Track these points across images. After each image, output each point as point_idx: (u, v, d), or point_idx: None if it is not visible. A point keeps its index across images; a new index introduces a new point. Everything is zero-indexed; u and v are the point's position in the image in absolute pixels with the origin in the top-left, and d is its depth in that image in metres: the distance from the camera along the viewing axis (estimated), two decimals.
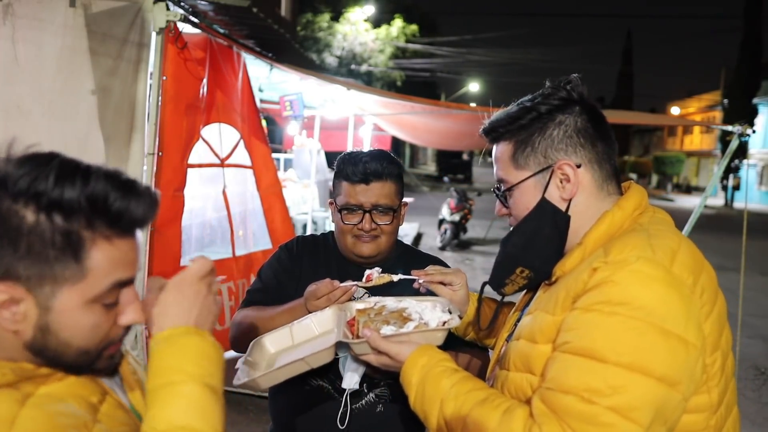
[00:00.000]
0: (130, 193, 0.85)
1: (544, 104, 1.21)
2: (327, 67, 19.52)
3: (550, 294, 1.18)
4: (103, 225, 0.83)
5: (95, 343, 0.88)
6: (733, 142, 5.61)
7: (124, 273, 0.88)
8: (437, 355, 1.23)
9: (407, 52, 24.33)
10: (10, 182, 0.78)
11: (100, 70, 3.87)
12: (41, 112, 3.90)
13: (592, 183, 1.21)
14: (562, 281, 1.17)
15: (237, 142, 4.72)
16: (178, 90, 3.92)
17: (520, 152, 1.23)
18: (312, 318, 1.50)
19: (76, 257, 0.81)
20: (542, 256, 1.20)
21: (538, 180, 1.22)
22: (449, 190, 12.45)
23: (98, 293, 0.85)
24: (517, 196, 1.26)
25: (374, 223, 1.69)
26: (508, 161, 1.25)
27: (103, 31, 3.86)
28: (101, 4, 3.85)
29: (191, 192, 4.20)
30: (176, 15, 3.75)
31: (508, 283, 1.26)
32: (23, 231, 0.79)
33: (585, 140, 1.20)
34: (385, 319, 1.34)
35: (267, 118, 9.57)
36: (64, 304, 0.83)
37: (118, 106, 3.87)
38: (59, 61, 3.89)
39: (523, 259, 1.21)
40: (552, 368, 1.07)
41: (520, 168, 1.24)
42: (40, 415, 0.80)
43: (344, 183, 1.72)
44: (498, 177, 1.30)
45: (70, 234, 0.80)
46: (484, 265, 10.52)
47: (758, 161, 34.33)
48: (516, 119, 1.23)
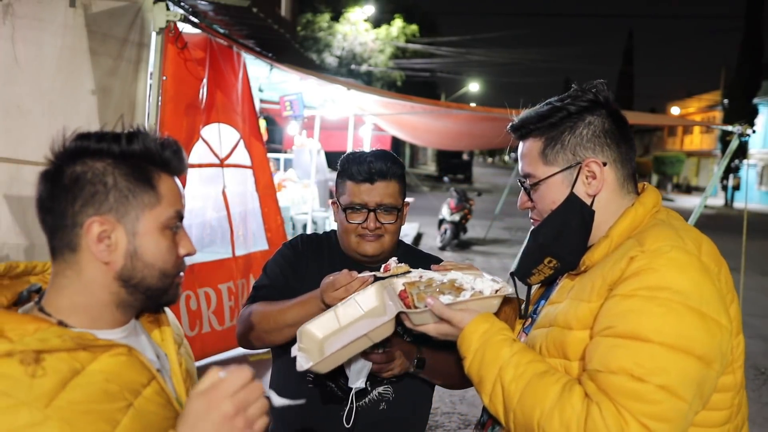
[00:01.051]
0: (172, 148, 1.09)
1: (574, 105, 1.29)
2: (327, 67, 19.52)
3: (582, 283, 1.23)
4: (160, 166, 1.06)
5: (171, 266, 1.06)
6: (733, 142, 5.61)
7: (180, 205, 1.08)
8: (497, 324, 1.27)
9: (407, 52, 24.32)
10: (87, 148, 1.03)
11: (100, 70, 3.87)
12: (41, 112, 3.89)
13: (615, 181, 1.29)
14: (593, 271, 1.23)
15: (237, 142, 4.72)
16: (178, 90, 3.93)
17: (550, 149, 1.30)
18: (356, 297, 1.49)
19: (151, 185, 1.04)
20: (569, 248, 1.27)
21: (565, 176, 1.29)
22: (449, 190, 12.45)
23: (169, 217, 1.05)
24: (543, 191, 1.32)
25: (378, 222, 1.70)
26: (537, 157, 1.32)
27: (103, 31, 3.86)
28: (101, 4, 3.85)
29: (191, 192, 4.20)
30: (176, 15, 3.75)
31: (535, 273, 1.32)
32: (109, 172, 1.01)
33: (611, 141, 1.28)
34: (439, 289, 1.37)
35: (267, 118, 9.58)
36: (147, 227, 1.03)
37: (118, 106, 3.87)
38: (59, 61, 3.89)
39: (553, 249, 1.28)
40: (597, 352, 1.12)
41: (549, 164, 1.30)
42: (83, 392, 0.92)
43: (348, 182, 1.72)
44: (524, 172, 1.35)
45: (143, 170, 1.04)
46: (484, 265, 10.52)
47: (758, 161, 34.32)
48: (546, 117, 1.30)
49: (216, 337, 4.32)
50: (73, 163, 1.01)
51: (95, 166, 1.01)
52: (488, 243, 12.76)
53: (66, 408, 0.90)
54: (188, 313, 4.11)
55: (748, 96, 31.71)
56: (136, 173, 1.03)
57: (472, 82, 32.81)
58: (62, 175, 1.00)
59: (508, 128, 1.38)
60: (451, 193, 12.05)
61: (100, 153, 1.02)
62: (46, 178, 1.02)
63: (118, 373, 0.97)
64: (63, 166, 1.01)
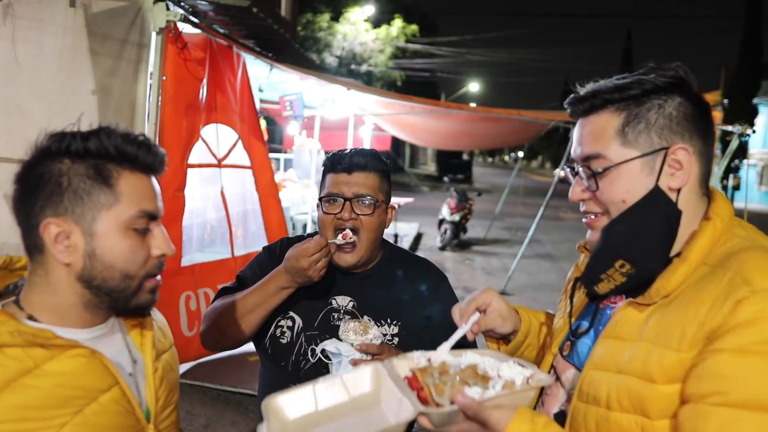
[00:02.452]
0: (138, 142, 1.06)
1: (661, 78, 1.06)
2: (327, 67, 19.52)
3: (663, 322, 0.99)
4: (124, 163, 1.04)
5: (135, 268, 1.04)
6: (733, 142, 5.61)
7: (149, 204, 1.06)
8: (540, 420, 1.02)
9: (407, 52, 24.32)
10: (49, 149, 1.04)
11: (101, 70, 3.87)
12: (41, 112, 3.89)
13: (698, 177, 1.07)
14: (675, 307, 0.99)
15: (235, 143, 4.71)
16: (178, 90, 3.93)
17: (632, 126, 1.05)
18: (344, 376, 1.15)
19: (108, 185, 1.01)
20: (648, 251, 1.04)
21: (646, 162, 1.05)
22: (449, 190, 12.45)
23: (131, 216, 1.02)
24: (614, 178, 1.07)
25: (354, 213, 1.64)
26: (613, 135, 1.07)
27: (103, 31, 3.86)
28: (101, 4, 3.85)
29: (191, 192, 4.20)
30: (176, 15, 3.76)
31: (603, 279, 1.08)
32: (63, 173, 1.01)
33: (698, 129, 1.06)
34: (460, 379, 1.07)
35: (267, 118, 9.58)
36: (105, 228, 1.01)
37: (118, 106, 3.87)
38: (59, 62, 3.89)
39: (626, 251, 1.04)
40: (708, 426, 0.89)
41: (628, 145, 1.06)
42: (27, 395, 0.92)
43: (329, 175, 1.70)
44: (588, 152, 1.09)
45: (100, 168, 1.02)
46: (484, 265, 10.52)
47: (758, 161, 34.31)
48: (626, 89, 1.06)
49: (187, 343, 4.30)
50: (38, 165, 1.02)
51: (53, 167, 1.02)
52: (488, 243, 12.76)
53: (2, 412, 0.91)
54: (188, 313, 4.10)
55: (748, 96, 31.69)
56: (92, 173, 1.02)
57: (472, 82, 32.84)
58: (28, 176, 1.02)
59: (569, 100, 1.13)
60: (451, 193, 12.04)
61: (59, 153, 1.03)
62: (16, 179, 1.05)
63: (74, 375, 0.97)
64: (29, 168, 1.03)
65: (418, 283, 1.75)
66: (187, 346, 4.00)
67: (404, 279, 1.74)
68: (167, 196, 3.89)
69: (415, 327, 1.68)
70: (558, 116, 8.43)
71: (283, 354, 1.65)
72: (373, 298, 1.69)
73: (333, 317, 1.66)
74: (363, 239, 1.65)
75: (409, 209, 13.95)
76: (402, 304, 1.69)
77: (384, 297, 1.69)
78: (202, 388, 3.89)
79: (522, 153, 23.78)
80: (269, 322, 1.68)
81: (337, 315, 1.66)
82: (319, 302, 1.68)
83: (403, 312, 1.68)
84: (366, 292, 1.69)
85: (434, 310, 1.73)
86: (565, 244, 13.60)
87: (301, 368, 1.63)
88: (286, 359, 1.65)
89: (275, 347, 1.67)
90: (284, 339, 1.66)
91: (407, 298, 1.71)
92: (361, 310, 1.67)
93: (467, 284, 8.84)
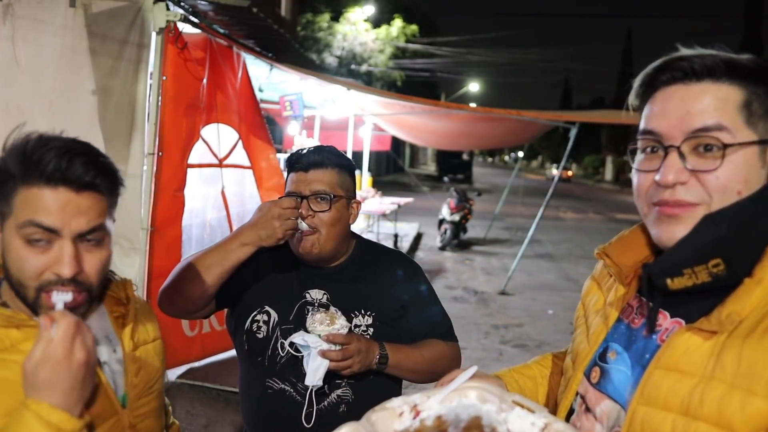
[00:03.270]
0: (32, 155, 1.04)
1: None
2: (327, 67, 19.51)
3: (742, 357, 0.83)
4: (28, 176, 1.02)
5: (25, 278, 1.03)
6: None
7: (45, 218, 1.02)
8: None
9: (407, 52, 24.32)
10: None
11: (101, 70, 3.87)
12: (41, 113, 3.90)
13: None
14: (758, 343, 0.83)
15: (235, 143, 4.72)
16: (178, 90, 3.93)
17: (758, 105, 0.89)
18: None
19: (3, 195, 1.04)
20: (748, 254, 0.88)
21: (763, 151, 0.90)
22: (449, 190, 12.45)
23: (19, 223, 1.02)
24: (736, 160, 0.89)
25: (311, 210, 1.65)
26: (737, 109, 0.89)
27: (103, 31, 3.86)
28: (101, 4, 3.85)
29: (191, 192, 4.20)
30: (176, 15, 3.76)
31: (685, 274, 0.90)
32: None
33: None
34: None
35: (267, 118, 9.58)
36: (5, 232, 1.05)
37: (118, 106, 3.87)
38: (59, 62, 3.89)
39: (730, 249, 0.88)
40: None
41: (751, 125, 0.89)
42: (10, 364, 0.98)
43: (290, 174, 1.72)
44: (713, 122, 0.89)
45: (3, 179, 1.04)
46: (484, 265, 10.52)
47: None
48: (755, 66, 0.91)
49: (216, 337, 4.31)
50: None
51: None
52: (488, 243, 12.77)
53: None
54: None
55: None
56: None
57: (472, 82, 32.83)
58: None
59: (676, 56, 0.94)
60: (451, 193, 12.05)
61: None
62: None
63: None
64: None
65: (391, 274, 1.76)
66: (189, 346, 4.00)
67: (377, 270, 1.76)
68: (167, 196, 3.89)
69: (390, 317, 1.70)
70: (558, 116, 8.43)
71: (260, 349, 1.67)
72: (346, 290, 1.71)
73: (307, 310, 1.67)
74: (323, 234, 1.66)
75: (409, 209, 13.96)
76: (375, 295, 1.71)
77: (357, 288, 1.71)
78: (202, 388, 3.89)
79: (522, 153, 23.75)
80: (246, 315, 1.69)
81: (311, 308, 1.68)
82: (294, 296, 1.69)
83: (376, 302, 1.70)
84: (339, 284, 1.71)
85: (409, 300, 1.75)
86: (565, 244, 13.60)
87: (278, 362, 1.65)
88: (263, 354, 1.66)
89: (252, 342, 1.68)
90: (260, 333, 1.67)
91: (380, 289, 1.73)
92: (334, 303, 1.68)
93: (467, 284, 8.84)
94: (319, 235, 1.66)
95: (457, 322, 7.79)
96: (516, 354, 5.82)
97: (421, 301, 1.79)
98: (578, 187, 40.97)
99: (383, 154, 25.38)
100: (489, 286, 8.79)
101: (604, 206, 24.81)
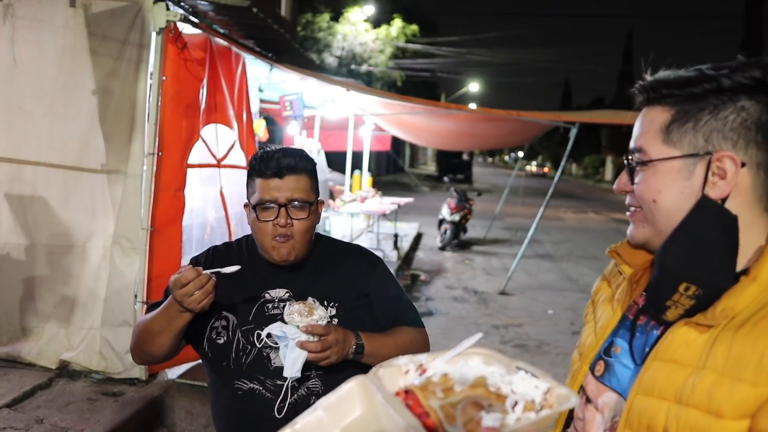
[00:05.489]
0: None
1: (730, 78, 0.97)
2: (327, 67, 19.51)
3: (733, 349, 0.90)
4: None
5: None
6: None
7: None
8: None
9: (407, 52, 24.32)
10: None
11: (101, 70, 3.87)
12: (42, 113, 3.90)
13: (751, 190, 0.98)
14: (749, 334, 0.90)
15: (233, 143, 4.72)
16: (178, 90, 3.93)
17: (677, 125, 0.99)
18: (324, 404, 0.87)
19: None
20: (711, 269, 0.95)
21: (685, 164, 0.99)
22: (449, 190, 12.45)
23: None
24: (650, 174, 1.02)
25: (290, 219, 1.63)
26: (658, 131, 1.01)
27: (103, 31, 3.86)
28: (101, 5, 3.85)
29: (191, 192, 4.20)
30: (176, 15, 3.76)
31: (670, 306, 0.98)
32: None
33: (763, 138, 0.96)
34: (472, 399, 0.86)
35: (267, 118, 9.57)
36: None
37: (118, 106, 3.87)
38: (60, 62, 3.89)
39: (688, 272, 0.95)
40: None
41: (670, 143, 1.00)
42: None
43: (258, 179, 1.66)
44: (636, 145, 1.05)
45: None
46: (484, 265, 10.52)
47: None
48: (688, 84, 0.99)
49: None
50: None
51: None
52: (488, 243, 12.76)
53: None
54: None
55: None
56: None
57: (472, 82, 32.82)
58: None
59: (636, 87, 1.07)
60: (451, 193, 12.04)
61: None
62: None
63: None
64: None
65: (352, 265, 1.76)
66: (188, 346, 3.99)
67: (337, 263, 1.76)
68: (167, 196, 3.89)
69: (353, 305, 1.70)
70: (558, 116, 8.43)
71: (223, 353, 1.66)
72: (308, 284, 1.70)
73: (267, 308, 1.67)
74: (298, 240, 1.65)
75: (409, 209, 13.95)
76: (338, 286, 1.71)
77: (319, 282, 1.71)
78: (202, 388, 3.89)
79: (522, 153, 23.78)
80: (203, 327, 1.68)
81: (271, 305, 1.67)
82: (251, 297, 1.68)
83: (338, 292, 1.70)
84: (300, 280, 1.70)
85: (371, 289, 1.74)
86: (565, 244, 13.60)
87: (243, 363, 1.65)
88: (227, 358, 1.66)
89: (214, 349, 1.68)
90: (221, 339, 1.67)
91: (342, 280, 1.72)
92: (297, 298, 1.67)
93: (467, 284, 8.84)
94: (294, 242, 1.64)
95: (457, 322, 7.70)
96: (516, 354, 5.82)
97: (385, 289, 1.79)
98: (578, 187, 40.97)
99: (383, 154, 25.38)
100: (489, 286, 8.79)
101: (604, 206, 24.80)
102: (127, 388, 3.76)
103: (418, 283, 8.57)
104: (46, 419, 3.30)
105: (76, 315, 3.96)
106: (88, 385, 3.78)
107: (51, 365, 3.87)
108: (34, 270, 3.96)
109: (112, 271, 3.85)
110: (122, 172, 3.86)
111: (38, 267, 3.96)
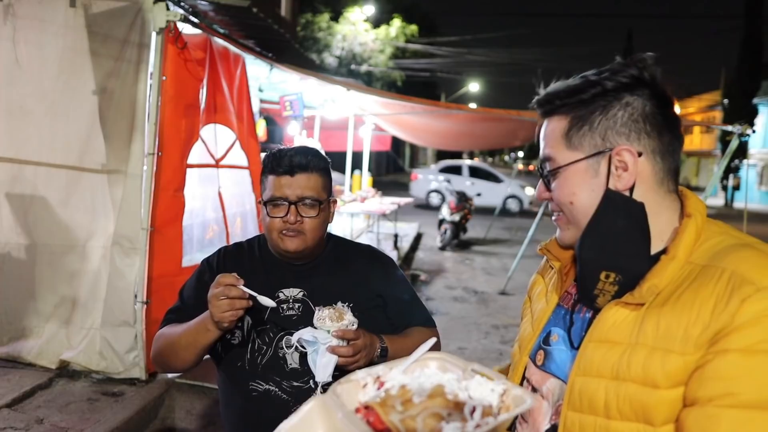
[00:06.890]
0: None
1: (612, 80, 1.06)
2: (327, 67, 19.52)
3: (661, 324, 0.97)
4: None
5: None
6: (733, 142, 5.61)
7: None
8: None
9: (407, 52, 24.33)
10: None
11: (101, 70, 3.87)
12: (43, 113, 3.90)
13: (652, 176, 1.07)
14: (674, 308, 0.97)
15: (232, 143, 4.72)
16: (178, 90, 3.93)
17: (576, 130, 1.08)
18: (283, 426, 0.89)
19: None
20: (626, 255, 1.03)
21: (591, 164, 1.08)
22: (449, 190, 12.45)
23: None
24: (562, 179, 1.10)
25: (300, 216, 1.65)
26: (560, 138, 1.10)
27: (103, 31, 3.86)
28: (101, 5, 3.85)
29: (191, 192, 4.20)
30: (176, 15, 3.76)
31: (598, 295, 1.05)
32: None
33: (651, 128, 1.06)
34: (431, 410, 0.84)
35: (267, 118, 9.58)
36: None
37: (118, 106, 3.87)
38: (60, 62, 3.89)
39: (604, 261, 1.04)
40: (717, 428, 0.88)
41: (573, 148, 1.08)
42: None
43: (270, 177, 1.69)
44: (544, 155, 1.13)
45: None
46: (484, 265, 10.52)
47: (758, 161, 34.31)
48: (577, 92, 1.08)
49: None
50: None
51: None
52: (488, 243, 12.77)
53: None
54: None
55: (747, 96, 31.67)
56: None
57: (472, 82, 32.82)
58: None
59: (533, 103, 1.16)
60: (451, 193, 12.05)
61: None
62: None
63: None
64: None
65: (366, 267, 1.78)
66: None
67: (350, 264, 1.77)
68: (167, 196, 3.90)
69: (367, 306, 1.71)
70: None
71: (238, 354, 1.67)
72: (322, 284, 1.71)
73: (282, 308, 1.67)
74: (308, 237, 1.67)
75: (409, 209, 13.95)
76: (351, 287, 1.72)
77: (333, 282, 1.72)
78: (202, 388, 3.89)
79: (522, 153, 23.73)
80: None
81: (286, 306, 1.68)
82: None
83: (353, 293, 1.70)
84: (314, 280, 1.72)
85: (385, 289, 1.76)
86: None
87: (259, 364, 1.65)
88: (242, 359, 1.66)
89: (228, 349, 1.68)
90: (236, 340, 1.67)
91: (356, 280, 1.73)
92: (311, 298, 1.68)
93: (467, 284, 8.85)
94: (305, 237, 1.67)
95: (457, 322, 7.69)
96: None
97: (399, 290, 1.81)
98: None
99: (383, 154, 25.38)
100: (489, 286, 8.79)
101: None
102: (127, 388, 3.76)
103: (418, 283, 8.57)
104: (46, 419, 3.30)
105: (77, 315, 3.96)
106: (88, 385, 3.78)
107: (51, 365, 3.87)
108: (35, 270, 3.96)
109: (112, 271, 3.85)
110: (122, 172, 3.86)
111: (39, 267, 3.96)
